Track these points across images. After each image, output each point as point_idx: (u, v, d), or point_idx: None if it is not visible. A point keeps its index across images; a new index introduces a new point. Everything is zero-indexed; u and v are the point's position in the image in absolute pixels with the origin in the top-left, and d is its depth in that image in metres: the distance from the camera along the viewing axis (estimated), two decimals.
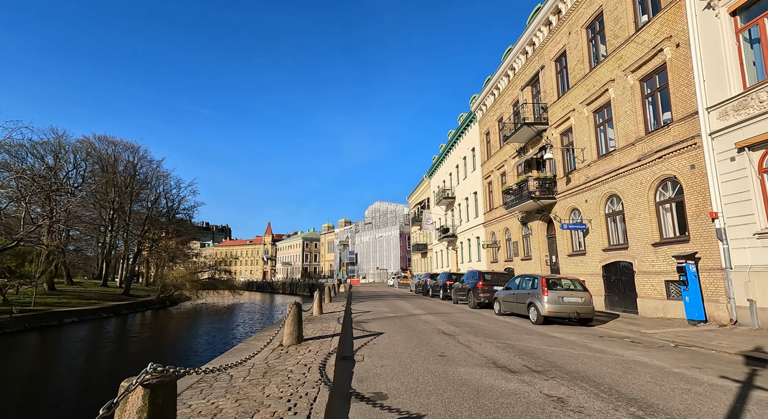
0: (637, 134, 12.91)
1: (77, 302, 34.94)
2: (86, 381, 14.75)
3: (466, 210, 32.75)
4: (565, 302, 10.63)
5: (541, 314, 10.70)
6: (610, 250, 14.45)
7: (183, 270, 46.88)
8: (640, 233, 12.78)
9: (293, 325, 7.11)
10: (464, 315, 13.10)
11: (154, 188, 53.97)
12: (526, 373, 5.21)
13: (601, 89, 14.67)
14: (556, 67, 18.45)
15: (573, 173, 16.81)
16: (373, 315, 13.16)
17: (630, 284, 13.28)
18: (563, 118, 17.40)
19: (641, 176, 12.75)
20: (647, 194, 12.50)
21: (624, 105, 13.56)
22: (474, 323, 10.96)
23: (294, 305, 7.17)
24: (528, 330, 9.55)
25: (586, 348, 7.17)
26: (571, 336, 8.74)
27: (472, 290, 16.26)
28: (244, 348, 7.22)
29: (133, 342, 24.06)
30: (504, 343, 7.54)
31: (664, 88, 12.01)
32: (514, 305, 12.41)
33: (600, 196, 14.96)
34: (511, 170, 23.02)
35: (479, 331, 9.21)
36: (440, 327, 9.91)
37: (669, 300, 11.58)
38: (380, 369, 5.52)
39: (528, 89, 21.15)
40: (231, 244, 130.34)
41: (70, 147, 44.93)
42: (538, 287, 11.06)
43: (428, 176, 47.38)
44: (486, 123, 27.69)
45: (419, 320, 11.60)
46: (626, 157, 13.44)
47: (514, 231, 22.99)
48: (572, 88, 16.74)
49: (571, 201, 17.04)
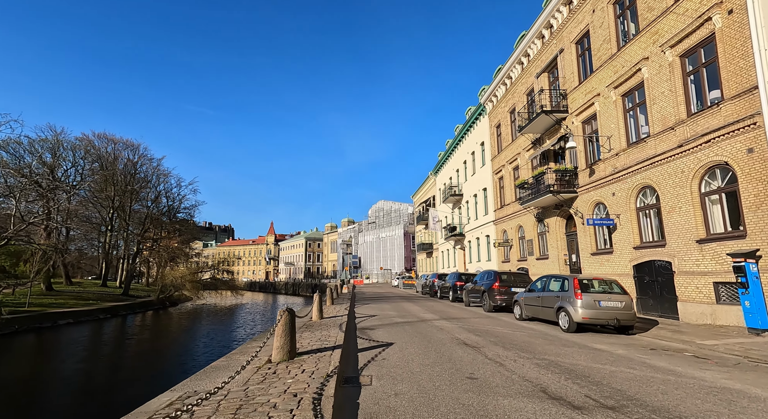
0: (677, 116, 11.46)
1: (74, 302, 33.86)
2: (68, 388, 13.50)
3: (475, 208, 31.30)
4: (603, 306, 9.20)
5: (573, 320, 9.28)
6: (642, 248, 12.99)
7: (183, 270, 45.81)
8: (681, 229, 11.32)
9: (284, 336, 5.75)
10: (482, 321, 11.70)
11: (155, 186, 52.93)
12: (596, 410, 3.81)
13: (632, 70, 13.22)
14: (577, 50, 17.00)
15: (597, 164, 15.36)
16: (380, 319, 11.78)
17: (668, 285, 11.82)
18: (586, 104, 15.95)
19: (682, 163, 11.29)
20: (690, 185, 11.04)
21: (660, 85, 12.10)
22: (496, 330, 9.56)
23: (285, 311, 5.82)
24: (563, 341, 8.13)
25: (649, 367, 5.76)
26: (617, 349, 7.33)
27: (488, 292, 14.84)
28: (224, 365, 5.86)
29: (126, 345, 22.85)
30: (543, 359, 6.14)
31: (712, 62, 10.55)
32: (539, 310, 10.99)
33: (630, 188, 13.51)
34: (525, 164, 21.57)
35: (506, 342, 7.81)
36: (459, 336, 8.52)
37: (719, 305, 10.12)
38: (394, 400, 4.15)
39: (544, 76, 19.70)
40: (233, 244, 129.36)
41: (69, 145, 43.86)
42: (569, 290, 9.64)
43: (434, 173, 45.93)
44: (497, 115, 26.25)
45: (433, 326, 10.21)
46: (663, 143, 11.99)
47: (528, 229, 21.54)
48: (596, 71, 15.29)
49: (595, 195, 15.59)
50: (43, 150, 40.83)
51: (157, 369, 17.27)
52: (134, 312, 37.75)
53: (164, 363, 18.69)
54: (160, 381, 13.38)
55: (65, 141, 42.88)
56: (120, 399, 11.62)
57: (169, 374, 15.58)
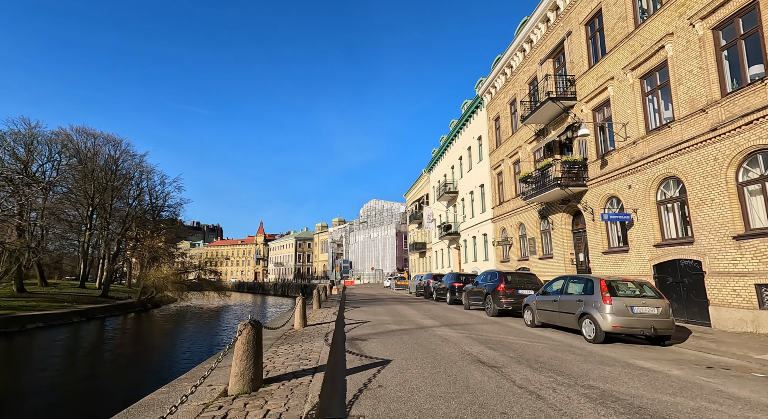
0: (709, 96, 10.16)
1: (47, 305, 31.75)
2: (13, 402, 11.75)
3: (471, 205, 29.96)
4: (636, 313, 7.82)
5: (601, 329, 7.88)
6: (665, 245, 11.69)
7: (167, 271, 43.80)
8: (714, 224, 10.03)
9: (245, 360, 4.23)
10: (489, 328, 10.27)
11: (137, 183, 50.75)
12: None
13: (653, 48, 11.92)
14: (587, 32, 15.70)
15: (610, 154, 14.06)
16: (373, 327, 10.29)
17: (697, 287, 10.53)
18: (597, 89, 14.65)
19: (715, 150, 10.00)
20: (725, 173, 9.74)
21: (688, 63, 10.80)
22: (510, 341, 8.12)
23: (248, 324, 4.32)
24: (598, 356, 6.72)
25: (732, 398, 4.36)
26: (669, 368, 5.94)
27: (492, 294, 13.43)
28: (162, 400, 4.32)
29: (99, 351, 21.02)
30: (590, 387, 4.71)
31: (753, 33, 9.26)
32: (555, 316, 9.59)
33: (650, 179, 12.21)
34: (526, 157, 20.25)
35: (530, 358, 6.38)
36: (469, 349, 7.07)
37: (762, 310, 8.82)
38: None
39: (549, 63, 18.39)
40: (222, 244, 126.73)
41: (44, 139, 41.62)
42: (595, 293, 8.25)
43: (427, 170, 44.54)
44: (495, 107, 24.92)
45: (435, 335, 8.75)
46: (691, 128, 10.69)
47: (530, 226, 20.22)
48: (610, 53, 13.99)
49: (607, 188, 14.29)
50: (16, 144, 38.62)
51: (129, 380, 15.55)
52: (112, 315, 35.77)
53: (138, 373, 16.94)
54: (131, 389, 11.77)
55: (40, 135, 40.67)
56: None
57: (141, 384, 13.93)
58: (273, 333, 8.10)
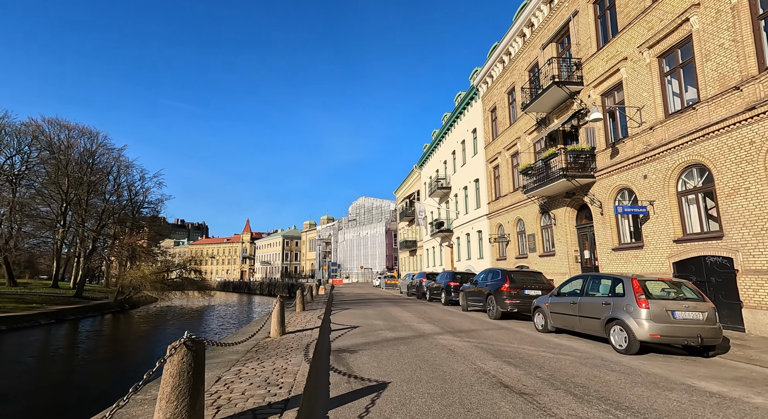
0: (744, 72, 9.00)
1: (13, 306, 29.60)
2: None
3: (465, 201, 28.76)
4: (679, 319, 6.57)
5: (636, 337, 6.62)
6: (687, 241, 10.54)
7: (146, 269, 41.72)
8: (749, 216, 8.88)
9: (178, 400, 2.81)
10: (497, 335, 8.96)
11: (115, 178, 48.40)
12: None
13: (675, 22, 10.75)
14: (596, 11, 14.52)
15: (622, 142, 12.90)
16: (363, 334, 8.90)
17: (727, 288, 9.38)
18: (608, 72, 13.47)
19: (752, 132, 8.84)
20: (764, 158, 8.59)
21: (718, 36, 9.64)
22: (529, 353, 6.81)
23: (183, 345, 2.91)
24: (645, 375, 5.43)
25: None
26: (729, 389, 4.71)
27: (494, 294, 12.15)
28: None
29: (67, 356, 19.20)
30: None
31: None
32: (575, 321, 8.32)
33: (669, 168, 11.05)
34: (526, 149, 19.07)
35: (566, 380, 5.06)
36: (484, 366, 5.74)
37: None
38: None
39: (552, 47, 17.18)
40: (207, 242, 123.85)
41: (13, 129, 39.17)
42: (626, 295, 6.98)
43: (418, 166, 43.24)
44: (492, 98, 23.70)
45: (438, 346, 7.40)
46: (721, 109, 9.53)
47: (529, 222, 19.04)
48: (623, 31, 12.81)
49: (618, 179, 13.12)
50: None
51: (94, 389, 13.89)
52: (87, 316, 33.68)
53: (108, 382, 15.25)
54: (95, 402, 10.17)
55: (8, 125, 38.26)
56: None
57: (107, 395, 12.32)
58: (241, 346, 6.65)
